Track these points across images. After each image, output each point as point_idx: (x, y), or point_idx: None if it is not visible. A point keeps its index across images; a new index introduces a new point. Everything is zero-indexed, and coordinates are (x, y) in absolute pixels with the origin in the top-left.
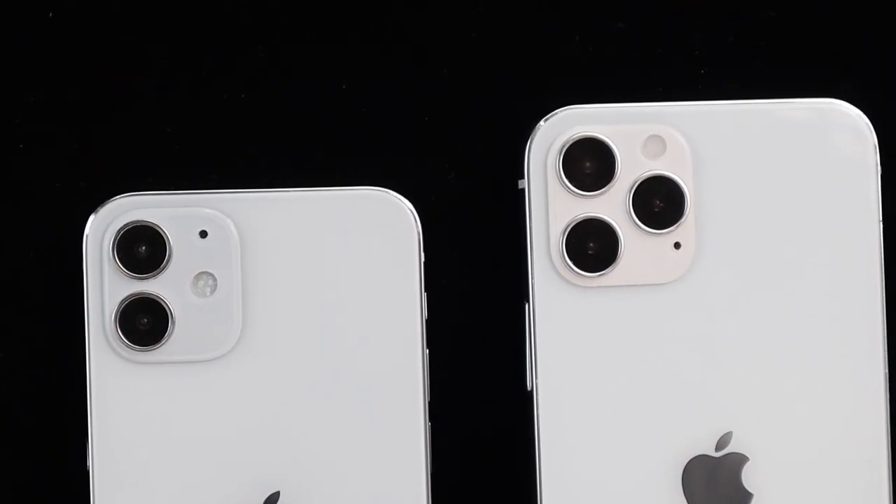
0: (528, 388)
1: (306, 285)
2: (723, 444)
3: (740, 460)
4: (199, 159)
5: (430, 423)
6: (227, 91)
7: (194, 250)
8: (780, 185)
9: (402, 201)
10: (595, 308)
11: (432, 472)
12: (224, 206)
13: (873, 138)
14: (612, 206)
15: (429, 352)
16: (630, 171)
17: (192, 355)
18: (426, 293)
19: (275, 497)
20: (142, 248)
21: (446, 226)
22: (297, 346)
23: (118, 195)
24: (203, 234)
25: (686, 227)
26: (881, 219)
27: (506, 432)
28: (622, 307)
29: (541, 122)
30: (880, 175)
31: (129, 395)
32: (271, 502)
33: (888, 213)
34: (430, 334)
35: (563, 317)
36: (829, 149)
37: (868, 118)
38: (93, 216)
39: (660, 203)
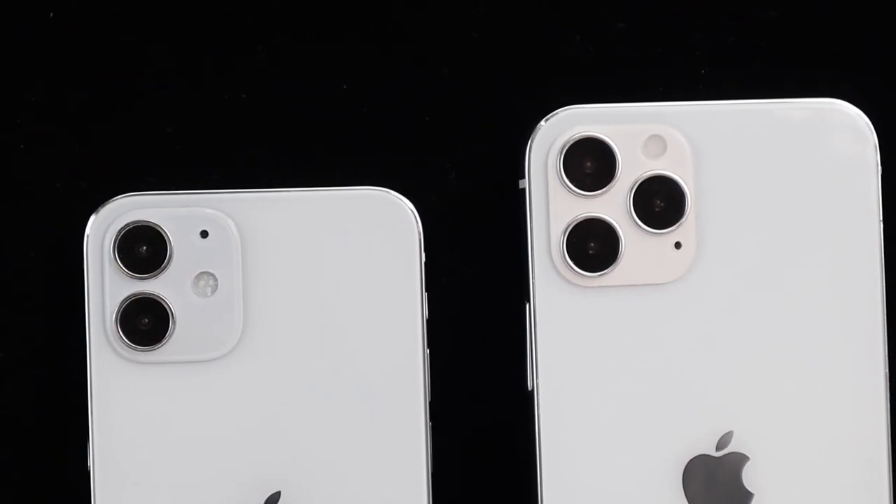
0: (529, 388)
1: (307, 285)
2: (723, 443)
3: (741, 460)
4: (200, 159)
5: (430, 423)
6: (227, 91)
7: (195, 250)
8: (781, 184)
9: (403, 201)
10: (596, 308)
11: (433, 472)
12: (225, 206)
13: (873, 138)
14: (613, 205)
15: (429, 352)
16: (631, 170)
17: (193, 355)
18: (427, 293)
19: (275, 497)
20: (143, 248)
21: (447, 226)
22: (298, 346)
23: (119, 195)
24: (204, 234)
25: (687, 227)
26: (881, 218)
27: (506, 432)
28: (623, 307)
29: (541, 122)
30: (880, 175)
31: (130, 395)
32: (272, 502)
33: (888, 213)
34: (431, 334)
35: (564, 316)
36: (829, 149)
37: (868, 118)
38: (94, 216)
39: (660, 203)
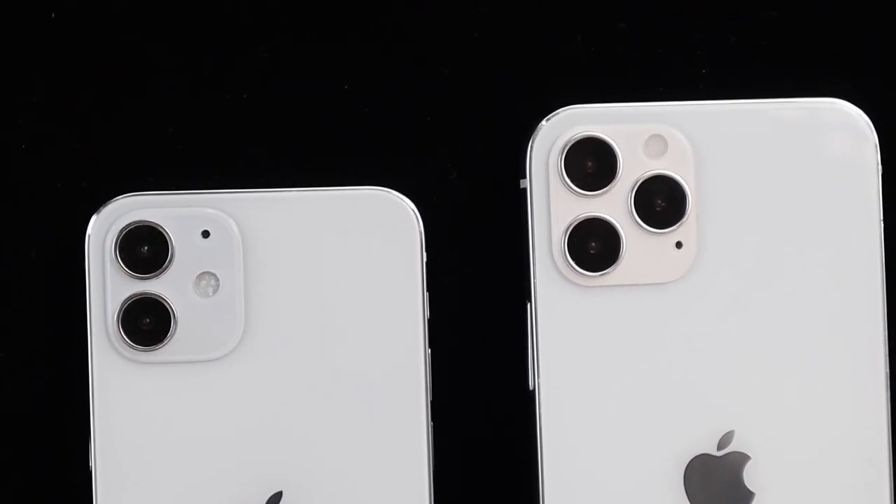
0: (530, 388)
1: (308, 285)
2: (724, 443)
3: (742, 459)
4: (201, 159)
5: (432, 423)
6: (228, 91)
7: (196, 250)
8: (781, 184)
9: (404, 201)
10: (597, 307)
11: (434, 472)
12: (226, 206)
13: (874, 137)
14: (614, 205)
15: (431, 351)
16: (632, 170)
17: (195, 355)
18: (428, 293)
19: (277, 497)
20: (144, 248)
21: (448, 226)
22: (300, 346)
23: (120, 195)
24: (205, 234)
25: (688, 227)
26: (882, 218)
27: (508, 432)
28: (624, 307)
29: (542, 122)
30: (881, 174)
31: (132, 396)
32: (274, 502)
33: (889, 213)
34: (432, 334)
35: (565, 316)
36: (830, 148)
37: (868, 117)
38: (95, 216)
39: (661, 202)
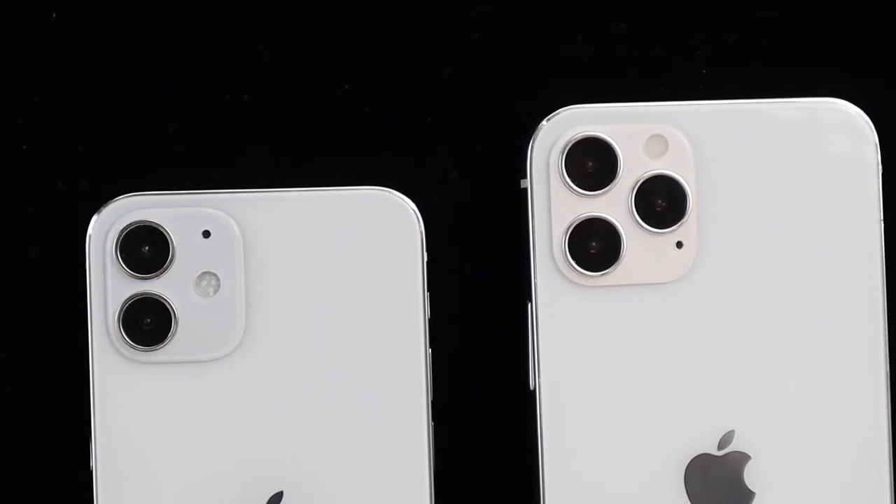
0: (531, 388)
1: (309, 285)
2: (725, 443)
3: (742, 459)
4: (202, 159)
5: (432, 423)
6: (229, 91)
7: (197, 250)
8: (782, 184)
9: (405, 201)
10: (597, 307)
11: (435, 472)
12: (227, 206)
13: (874, 137)
14: (615, 205)
15: (431, 351)
16: (632, 170)
17: (196, 355)
18: (429, 293)
19: (278, 497)
20: (145, 248)
21: (448, 225)
22: (300, 346)
23: (121, 195)
24: (206, 234)
25: (688, 227)
26: (882, 217)
27: (508, 432)
28: (624, 306)
29: (543, 122)
30: (881, 174)
31: (133, 396)
32: (274, 502)
33: (889, 212)
34: (433, 334)
35: (566, 316)
36: (830, 148)
37: (868, 117)
38: (96, 216)
39: (662, 202)
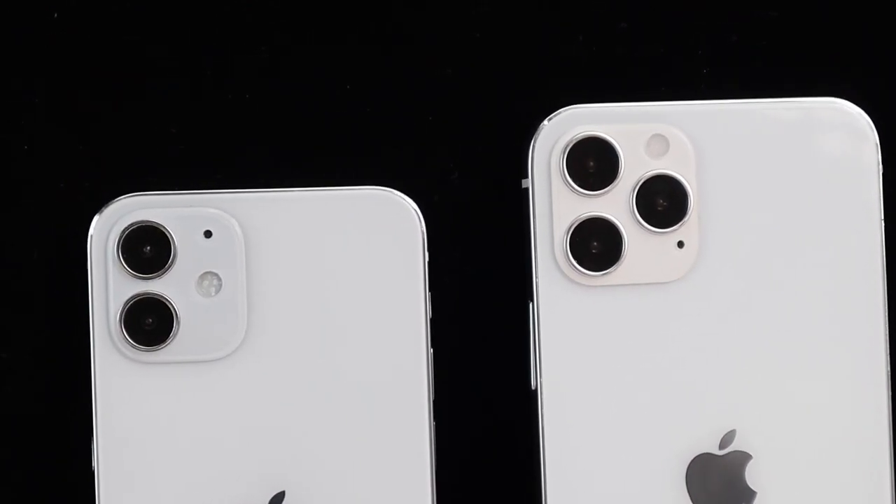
0: (533, 387)
1: (311, 285)
2: (726, 442)
3: (744, 459)
4: (204, 159)
5: (434, 423)
6: (230, 91)
7: (199, 250)
8: (783, 183)
9: (406, 201)
10: (599, 307)
11: (437, 471)
12: (228, 206)
13: (875, 137)
14: (616, 205)
15: (433, 351)
16: (633, 170)
17: (197, 355)
18: (430, 293)
19: (280, 497)
20: (146, 248)
21: (450, 225)
22: (302, 346)
23: (122, 195)
24: (208, 234)
25: (689, 226)
26: (882, 217)
27: (510, 431)
28: (625, 306)
29: (544, 122)
30: (881, 174)
31: (134, 396)
32: (276, 502)
33: (889, 212)
34: (434, 334)
35: (567, 315)
36: (831, 148)
37: (869, 117)
38: (97, 216)
39: (663, 202)
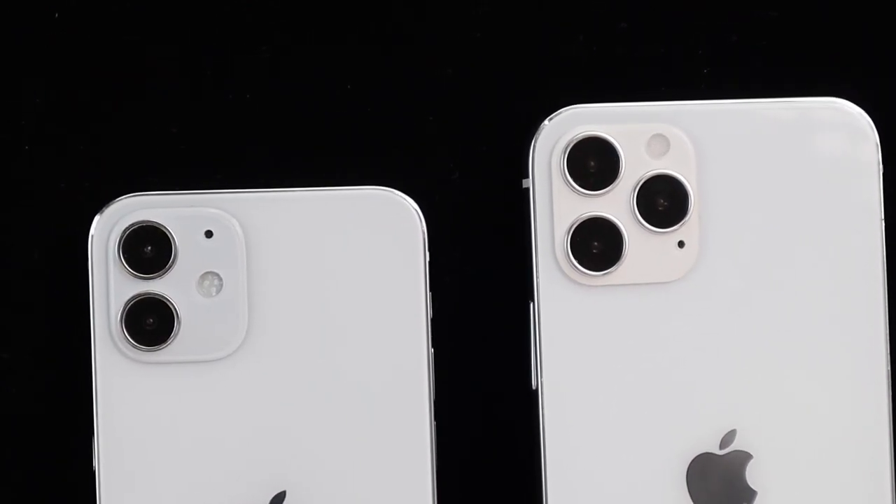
0: (533, 387)
1: (312, 285)
2: (727, 442)
3: (744, 458)
4: (204, 159)
5: (435, 423)
6: (231, 91)
7: (200, 250)
8: (783, 183)
9: (407, 201)
10: (599, 306)
11: (437, 471)
12: (229, 206)
13: (875, 137)
14: (617, 204)
15: (433, 351)
16: (634, 169)
17: (198, 355)
18: (431, 293)
19: (281, 496)
20: (147, 249)
21: (450, 225)
22: (303, 346)
23: (123, 195)
24: (208, 234)
25: (690, 226)
26: (883, 217)
27: (510, 431)
28: (626, 305)
29: (545, 122)
30: (882, 173)
31: (135, 396)
32: (277, 502)
33: (890, 212)
34: (435, 334)
35: (568, 315)
36: (831, 147)
37: (869, 117)
38: (98, 216)
39: (664, 202)
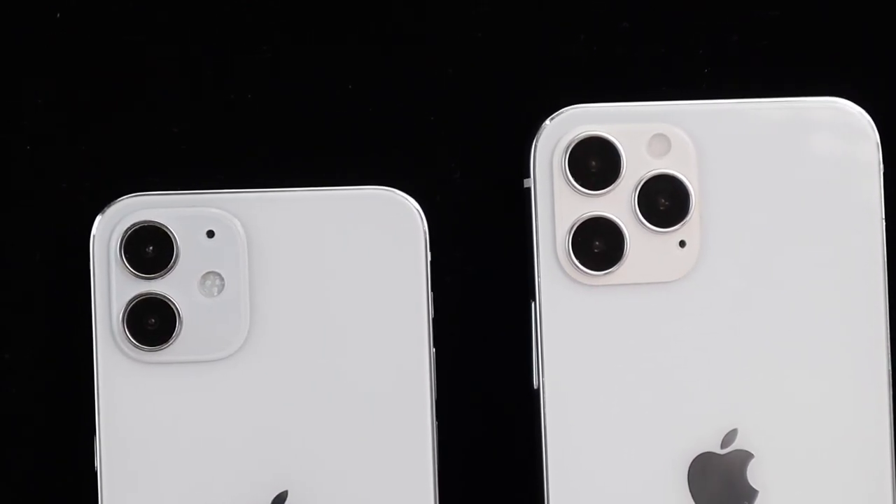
0: (535, 387)
1: (313, 285)
2: (728, 441)
3: (745, 457)
4: (206, 159)
5: (436, 422)
6: (232, 91)
7: (201, 250)
8: (784, 183)
9: (409, 201)
10: (601, 306)
11: (439, 471)
12: (231, 206)
13: (876, 136)
14: (618, 204)
15: (435, 351)
16: (635, 169)
17: (200, 355)
18: (432, 292)
19: (283, 496)
20: (149, 249)
21: (452, 225)
22: (305, 346)
23: (125, 195)
24: (210, 234)
25: (691, 226)
26: (884, 216)
27: (512, 431)
28: (627, 305)
29: (546, 122)
30: (883, 173)
31: (137, 396)
32: (279, 501)
33: (891, 211)
34: (437, 333)
35: (569, 315)
36: (832, 147)
37: (870, 117)
38: (100, 216)
39: (665, 201)
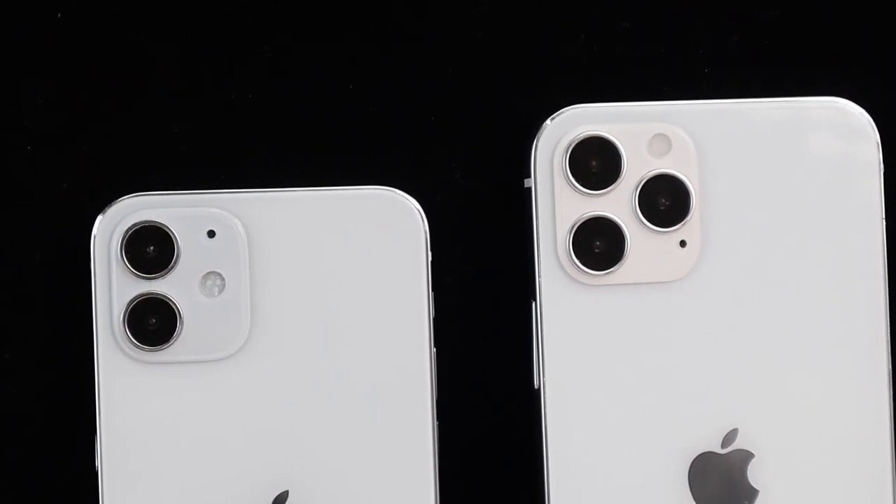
0: (536, 387)
1: (314, 285)
2: (728, 440)
3: (746, 457)
4: (207, 159)
5: (437, 422)
6: (233, 91)
7: (202, 250)
8: (784, 183)
9: (409, 200)
10: (601, 306)
11: (440, 471)
12: (232, 206)
13: (876, 136)
14: (618, 204)
15: (436, 350)
16: (636, 169)
17: (201, 355)
18: (433, 292)
19: (283, 496)
20: (150, 249)
21: (452, 225)
22: (305, 346)
23: (126, 195)
24: (211, 234)
25: (691, 226)
26: (884, 216)
27: (513, 431)
28: (628, 305)
29: (547, 122)
30: (883, 173)
31: (138, 396)
32: (280, 501)
33: (891, 211)
34: (437, 333)
35: (570, 315)
36: (832, 147)
37: (870, 117)
38: (100, 216)
39: (665, 201)
